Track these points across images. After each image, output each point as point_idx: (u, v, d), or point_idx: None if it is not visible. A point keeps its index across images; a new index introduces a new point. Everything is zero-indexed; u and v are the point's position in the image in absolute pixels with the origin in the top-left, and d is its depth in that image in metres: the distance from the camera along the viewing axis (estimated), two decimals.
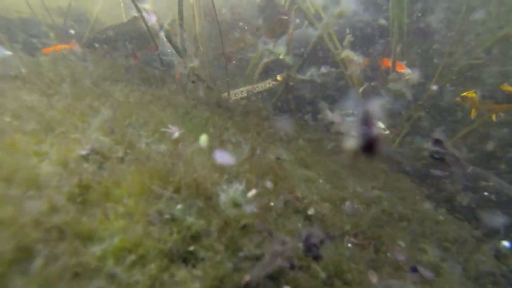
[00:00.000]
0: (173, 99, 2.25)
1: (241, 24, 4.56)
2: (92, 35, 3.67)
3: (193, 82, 2.79)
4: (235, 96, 3.46)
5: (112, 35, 3.27)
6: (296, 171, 1.98)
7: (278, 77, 3.51)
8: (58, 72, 1.80)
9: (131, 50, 3.13)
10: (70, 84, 1.74)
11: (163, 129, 1.25)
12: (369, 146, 0.84)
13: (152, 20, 2.45)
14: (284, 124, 2.68)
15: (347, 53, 2.92)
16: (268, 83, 3.59)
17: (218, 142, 1.69)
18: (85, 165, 1.07)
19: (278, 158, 1.90)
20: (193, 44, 3.47)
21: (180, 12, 2.79)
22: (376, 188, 2.36)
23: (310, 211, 1.55)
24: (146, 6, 2.50)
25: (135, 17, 2.58)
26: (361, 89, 3.19)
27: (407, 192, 2.44)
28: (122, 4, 5.59)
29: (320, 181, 2.03)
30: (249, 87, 3.55)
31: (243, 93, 3.52)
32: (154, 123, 1.59)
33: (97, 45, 3.05)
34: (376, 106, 0.86)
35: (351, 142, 0.84)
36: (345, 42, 3.03)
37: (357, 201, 2.00)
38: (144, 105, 1.87)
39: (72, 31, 4.64)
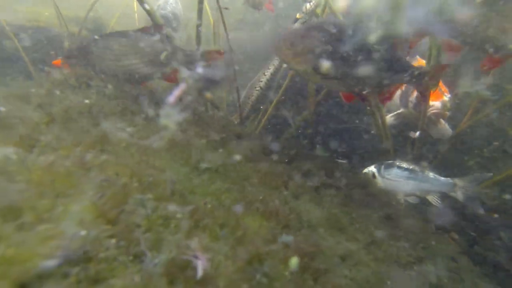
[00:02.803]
0: (182, 139, 1.89)
1: None
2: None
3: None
4: (248, 105, 2.99)
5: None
6: (331, 244, 1.57)
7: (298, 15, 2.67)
8: (48, 110, 1.46)
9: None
10: (61, 126, 1.40)
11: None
12: None
13: None
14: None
15: None
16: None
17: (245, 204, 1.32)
18: None
19: None
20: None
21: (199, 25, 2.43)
22: (423, 259, 1.93)
23: None
24: None
25: None
26: None
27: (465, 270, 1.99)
28: (136, 15, 5.44)
29: (362, 256, 1.62)
30: (253, 82, 3.01)
31: (251, 98, 3.01)
32: (161, 187, 1.23)
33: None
34: None
35: None
36: None
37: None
38: (149, 154, 1.51)
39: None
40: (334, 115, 3.71)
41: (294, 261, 0.97)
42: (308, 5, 2.70)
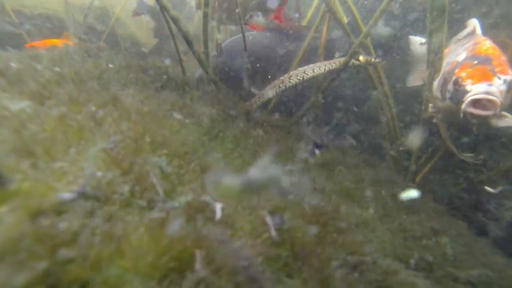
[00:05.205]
0: (195, 109, 1.87)
1: None
2: None
3: None
4: (258, 102, 2.94)
5: None
6: (346, 210, 1.54)
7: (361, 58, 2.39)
8: (60, 71, 1.44)
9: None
10: (72, 85, 1.38)
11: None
12: None
13: None
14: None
15: None
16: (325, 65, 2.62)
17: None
18: (64, 223, 0.68)
19: None
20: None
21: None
22: (438, 232, 1.90)
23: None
24: None
25: None
26: None
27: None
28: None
29: (376, 222, 1.59)
30: (276, 82, 2.92)
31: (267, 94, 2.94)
32: (174, 146, 1.20)
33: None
34: None
35: None
36: None
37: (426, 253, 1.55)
38: (161, 117, 1.48)
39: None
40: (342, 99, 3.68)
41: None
42: None
